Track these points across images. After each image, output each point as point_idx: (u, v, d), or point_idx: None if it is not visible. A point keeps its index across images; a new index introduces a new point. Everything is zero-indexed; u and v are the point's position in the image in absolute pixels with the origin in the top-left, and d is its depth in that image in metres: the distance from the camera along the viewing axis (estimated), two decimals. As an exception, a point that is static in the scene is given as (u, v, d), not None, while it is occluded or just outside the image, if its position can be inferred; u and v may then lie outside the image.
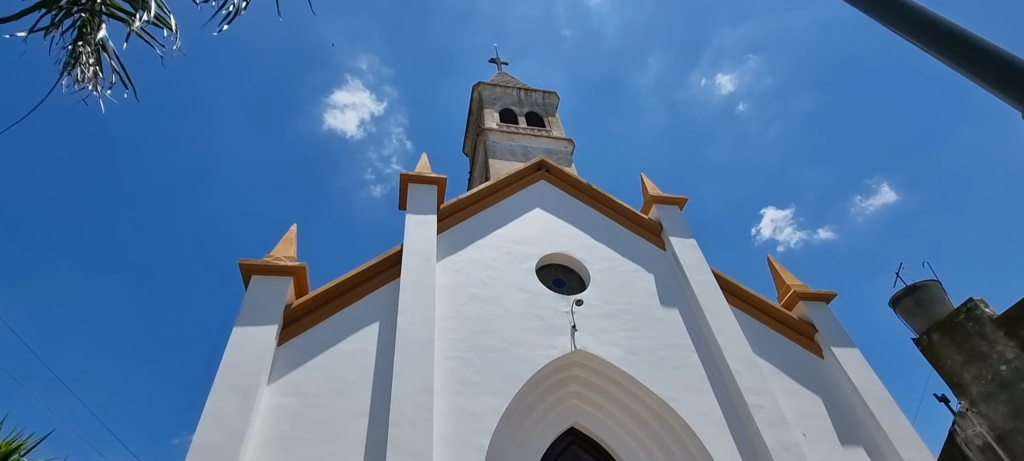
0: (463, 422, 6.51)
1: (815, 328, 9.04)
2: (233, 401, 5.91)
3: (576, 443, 7.60)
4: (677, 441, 7.27)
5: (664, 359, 7.93)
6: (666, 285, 9.27)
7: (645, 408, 7.55)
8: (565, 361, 7.67)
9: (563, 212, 10.28)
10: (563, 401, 7.72)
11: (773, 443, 6.99)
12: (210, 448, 5.48)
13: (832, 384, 8.39)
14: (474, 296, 8.13)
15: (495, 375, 7.11)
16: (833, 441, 7.58)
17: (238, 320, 6.77)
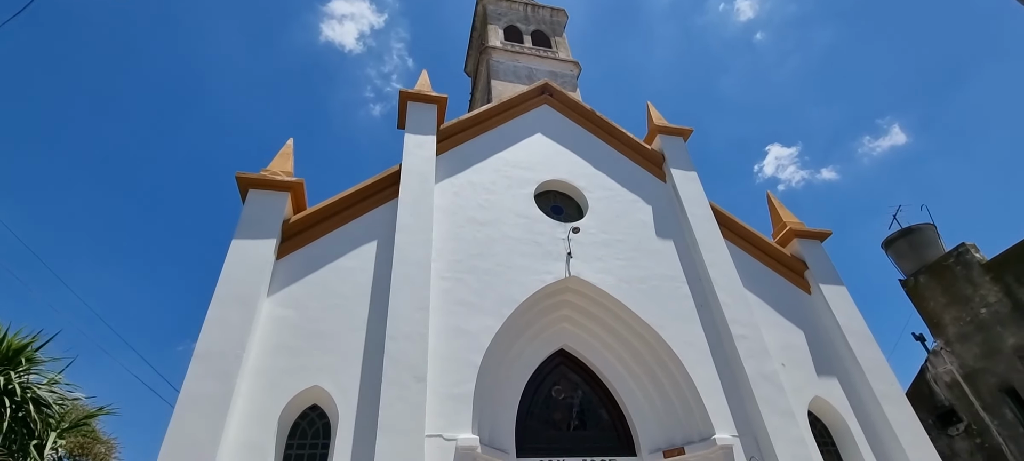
0: (457, 339, 6.73)
1: (806, 265, 9.15)
2: (234, 311, 6.05)
3: (565, 364, 7.92)
4: (661, 366, 7.57)
5: (655, 289, 8.08)
6: (663, 217, 9.26)
7: (633, 334, 7.79)
8: (559, 286, 7.81)
9: (565, 138, 10.05)
10: (554, 324, 7.95)
11: (753, 372, 7.30)
12: (213, 354, 5.68)
13: (816, 319, 8.62)
14: (472, 219, 8.12)
15: (490, 297, 7.25)
16: (810, 372, 7.92)
17: (236, 233, 6.79)
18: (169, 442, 5.06)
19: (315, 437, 5.99)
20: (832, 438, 7.62)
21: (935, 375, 12.03)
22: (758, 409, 6.96)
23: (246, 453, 5.42)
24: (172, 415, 5.21)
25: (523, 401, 7.22)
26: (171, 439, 5.08)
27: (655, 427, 7.34)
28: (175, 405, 5.27)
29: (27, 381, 5.19)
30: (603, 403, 7.70)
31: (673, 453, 6.98)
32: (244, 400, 5.69)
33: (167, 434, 5.10)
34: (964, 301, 11.56)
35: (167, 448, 5.03)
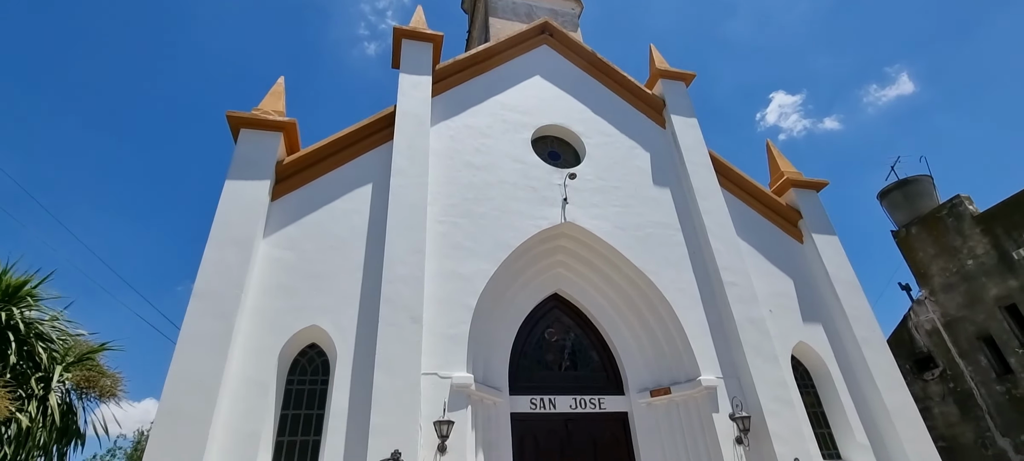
0: (452, 283, 6.83)
1: (800, 215, 9.20)
2: (230, 252, 6.09)
3: (558, 307, 8.09)
4: (652, 311, 7.76)
5: (650, 236, 8.14)
6: (661, 164, 9.19)
7: (626, 280, 7.92)
8: (554, 232, 7.85)
9: (564, 81, 9.80)
10: (549, 269, 8.06)
11: (740, 317, 7.49)
12: (211, 294, 5.76)
13: (806, 268, 8.77)
14: (468, 163, 8.04)
15: (485, 241, 7.30)
16: (795, 318, 8.14)
17: (230, 173, 6.72)
18: (173, 377, 5.21)
19: (314, 373, 6.18)
20: (812, 381, 7.93)
21: (917, 323, 12.41)
22: (743, 353, 7.20)
23: (248, 388, 5.61)
24: (174, 351, 5.34)
25: (516, 342, 7.43)
26: (175, 374, 5.23)
27: (643, 368, 7.61)
28: (177, 342, 5.38)
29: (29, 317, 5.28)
30: (594, 345, 7.93)
31: (659, 393, 7.28)
32: (244, 338, 5.83)
33: (171, 369, 5.25)
34: (952, 252, 11.75)
35: (171, 382, 5.19)
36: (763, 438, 6.66)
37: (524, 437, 6.86)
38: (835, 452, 7.38)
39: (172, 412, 5.05)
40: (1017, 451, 10.28)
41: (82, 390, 5.46)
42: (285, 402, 5.93)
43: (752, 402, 6.91)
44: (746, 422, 6.61)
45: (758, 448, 6.65)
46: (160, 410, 5.05)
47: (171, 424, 4.99)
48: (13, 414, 4.58)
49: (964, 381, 11.36)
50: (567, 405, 7.22)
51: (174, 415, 5.03)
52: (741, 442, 6.61)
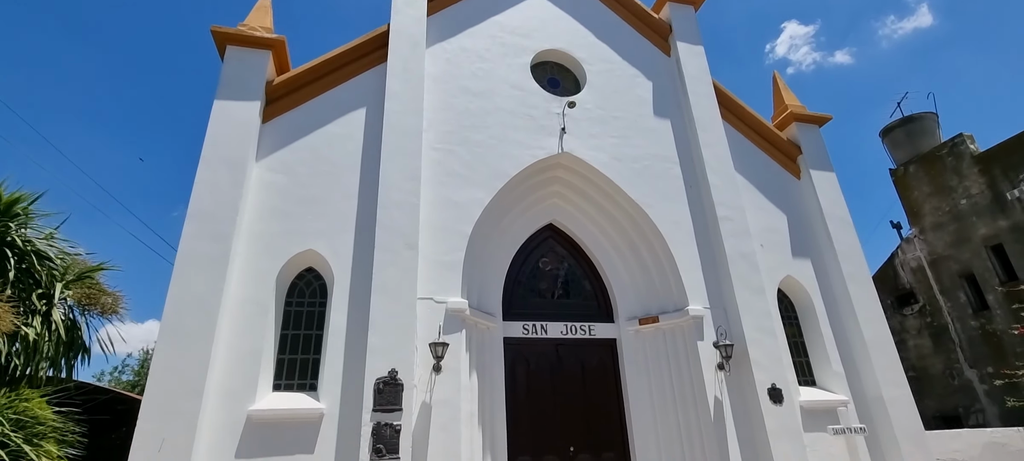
0: (448, 210, 6.84)
1: (800, 150, 9.13)
2: (223, 173, 6.02)
3: (553, 238, 8.19)
4: (645, 243, 7.87)
5: (647, 168, 8.09)
6: (663, 94, 8.96)
7: (621, 212, 7.96)
8: (551, 162, 7.78)
9: (566, 1, 9.31)
10: (545, 199, 8.06)
11: (732, 251, 7.63)
12: (206, 215, 5.76)
13: (800, 203, 8.81)
14: (464, 89, 7.81)
15: (481, 169, 7.24)
16: (785, 253, 8.30)
17: (218, 93, 6.51)
18: (173, 296, 5.33)
19: (313, 296, 6.32)
20: (796, 312, 8.22)
21: (903, 261, 12.70)
22: (732, 285, 7.40)
23: (248, 309, 5.76)
24: (173, 271, 5.42)
25: (511, 270, 7.58)
26: (175, 293, 5.34)
27: (633, 297, 7.83)
28: (174, 262, 5.46)
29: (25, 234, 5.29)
30: (587, 275, 8.11)
31: (648, 321, 7.54)
32: (241, 260, 5.91)
33: (170, 288, 5.36)
34: (947, 191, 11.82)
35: (172, 301, 5.31)
36: (744, 365, 6.99)
37: (516, 360, 7.17)
38: (811, 379, 7.78)
39: (174, 329, 5.20)
40: (982, 381, 10.90)
41: (84, 307, 5.58)
42: (285, 323, 6.11)
43: (736, 331, 7.18)
44: (729, 350, 6.91)
45: (738, 374, 6.99)
46: (162, 327, 5.20)
47: (174, 341, 5.16)
48: (19, 328, 4.71)
49: (941, 316, 11.81)
50: (558, 331, 7.48)
51: (176, 332, 5.19)
52: (722, 368, 6.94)
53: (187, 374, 5.07)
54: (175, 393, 4.98)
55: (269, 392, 5.68)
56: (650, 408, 7.17)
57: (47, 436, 4.50)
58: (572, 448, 6.91)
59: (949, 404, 11.36)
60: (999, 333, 10.57)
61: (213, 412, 5.23)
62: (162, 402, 4.93)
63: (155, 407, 4.91)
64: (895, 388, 7.42)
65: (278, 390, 5.77)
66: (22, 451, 4.15)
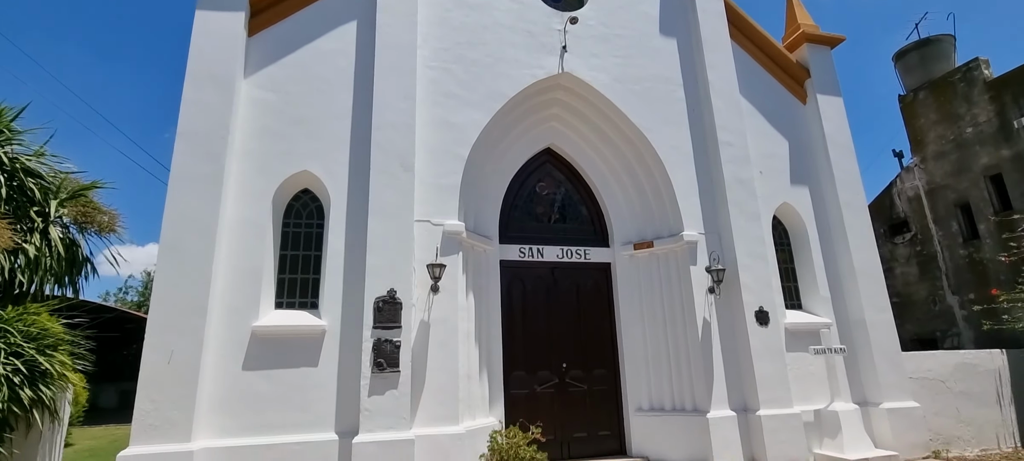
0: (445, 132, 6.74)
1: (808, 73, 8.88)
2: (211, 90, 5.85)
3: (550, 162, 8.13)
4: (644, 168, 7.84)
5: (650, 91, 7.89)
6: (670, 10, 8.55)
7: (620, 136, 7.86)
8: (550, 83, 7.56)
9: (570, -96, 8.60)
10: (543, 122, 7.92)
11: (730, 177, 7.63)
12: (196, 134, 5.66)
13: (803, 129, 8.71)
14: (460, 2, 7.42)
15: (478, 89, 7.05)
16: (784, 180, 8.31)
17: (199, 2, 6.16)
18: (169, 215, 5.35)
19: (310, 217, 6.37)
20: (788, 238, 8.38)
21: (900, 190, 12.77)
22: (728, 211, 7.49)
23: (245, 229, 5.81)
24: (168, 191, 5.41)
25: (508, 194, 7.60)
26: (171, 213, 5.36)
27: (629, 222, 7.93)
28: (168, 182, 5.44)
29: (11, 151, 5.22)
30: (584, 200, 8.15)
31: (642, 246, 7.69)
32: (236, 181, 5.88)
33: (166, 208, 5.37)
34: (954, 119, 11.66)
35: (169, 221, 5.34)
36: (734, 288, 7.23)
37: (512, 282, 7.37)
38: (798, 303, 8.08)
39: (174, 248, 5.28)
40: (962, 307, 11.34)
41: (81, 225, 5.62)
42: (283, 243, 6.19)
43: (729, 256, 7.36)
44: (720, 274, 7.11)
45: (728, 297, 7.25)
46: (162, 246, 5.27)
47: (174, 259, 5.25)
48: (19, 244, 4.77)
49: (931, 245, 12.07)
50: (554, 255, 7.64)
51: (176, 251, 5.27)
52: (713, 291, 7.18)
53: (190, 291, 5.20)
54: (180, 309, 5.14)
55: (271, 310, 5.84)
56: (640, 329, 7.47)
57: (58, 347, 4.69)
58: (564, 364, 7.28)
59: (927, 328, 11.90)
60: (986, 262, 10.87)
61: (218, 327, 5.43)
62: (168, 317, 5.10)
63: (161, 322, 5.08)
64: (878, 312, 7.74)
65: (280, 308, 5.95)
66: (36, 361, 4.34)
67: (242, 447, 5.18)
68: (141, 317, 15.87)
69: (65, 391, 4.94)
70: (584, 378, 7.34)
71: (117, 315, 15.84)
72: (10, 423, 4.37)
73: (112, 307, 18.46)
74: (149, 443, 4.79)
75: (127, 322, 16.41)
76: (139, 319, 16.19)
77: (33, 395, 4.28)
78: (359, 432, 5.36)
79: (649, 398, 7.25)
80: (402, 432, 5.44)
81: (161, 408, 4.89)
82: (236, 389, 5.37)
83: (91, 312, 5.56)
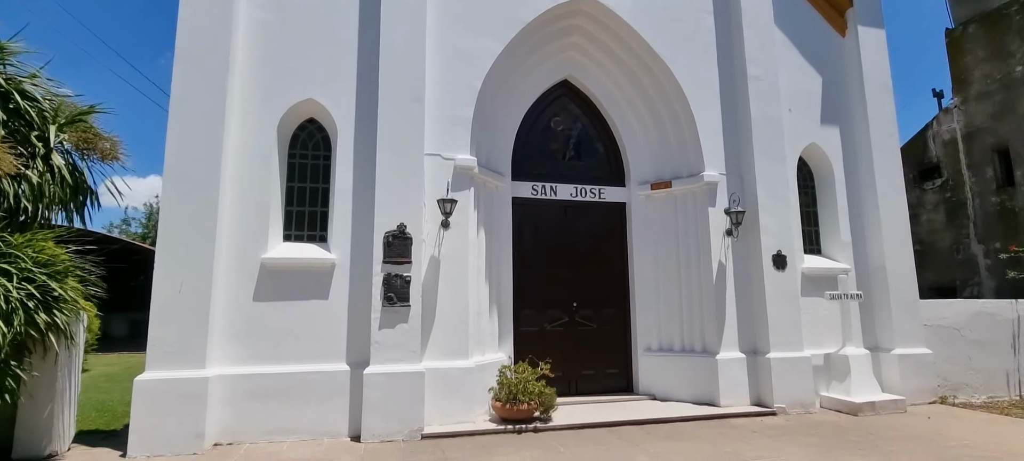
0: (456, 61, 6.46)
1: (850, 2, 8.29)
2: (208, 10, 5.58)
3: (567, 95, 7.84)
4: (665, 103, 7.54)
5: (677, 20, 7.45)
6: (703, -72, 7.88)
7: (643, 68, 7.51)
8: (570, 8, 7.14)
9: None
10: (561, 52, 7.57)
11: (757, 115, 7.32)
12: (195, 55, 5.46)
13: (839, 64, 8.23)
14: (473, -86, 6.87)
15: (492, 15, 6.68)
16: (814, 118, 7.96)
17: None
18: (173, 144, 5.28)
19: (316, 149, 6.26)
20: (813, 180, 8.15)
21: (936, 133, 12.29)
22: (752, 151, 7.24)
23: (250, 159, 5.73)
24: (169, 116, 5.31)
25: (521, 129, 7.39)
26: (174, 140, 5.29)
27: (647, 161, 7.74)
28: (169, 107, 5.32)
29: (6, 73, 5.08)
30: (600, 136, 7.94)
31: (660, 186, 7.55)
32: (239, 107, 5.73)
33: (169, 135, 5.29)
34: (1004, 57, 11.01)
35: (172, 148, 5.27)
36: (752, 231, 7.12)
37: (523, 220, 7.32)
38: (817, 248, 7.98)
39: (179, 177, 5.25)
40: (986, 256, 11.19)
41: (82, 151, 5.56)
42: (290, 175, 6.12)
43: (750, 198, 7.19)
44: (740, 217, 6.98)
45: (745, 240, 7.16)
46: (166, 174, 5.24)
47: (180, 188, 5.23)
48: (21, 171, 4.73)
49: (962, 191, 11.75)
50: (568, 193, 7.54)
51: (181, 179, 5.24)
52: (731, 234, 7.08)
53: (197, 221, 5.21)
54: (188, 239, 5.17)
55: (280, 242, 5.86)
56: (653, 270, 7.48)
57: (69, 275, 4.76)
58: (575, 303, 7.36)
59: (947, 277, 11.81)
60: (1018, 210, 10.58)
61: (227, 258, 5.47)
62: (176, 247, 5.14)
63: (170, 252, 5.13)
64: (899, 260, 7.63)
65: (289, 241, 5.96)
66: (48, 286, 4.42)
67: (256, 375, 5.36)
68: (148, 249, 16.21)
69: (79, 317, 5.06)
70: (594, 317, 7.43)
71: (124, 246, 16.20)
72: (28, 346, 4.51)
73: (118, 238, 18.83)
74: (164, 369, 4.96)
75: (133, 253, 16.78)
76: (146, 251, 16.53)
77: (49, 319, 4.39)
78: (370, 363, 5.51)
79: (659, 338, 7.36)
80: (412, 364, 5.57)
81: (174, 336, 5.02)
82: (248, 319, 5.49)
83: (97, 243, 5.59)
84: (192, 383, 4.96)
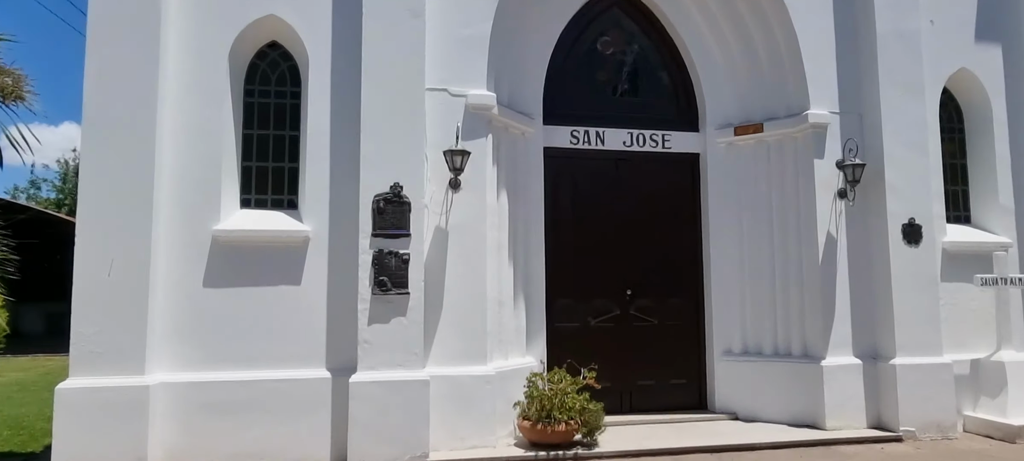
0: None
1: None
2: None
3: (618, 5, 7.72)
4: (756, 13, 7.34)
5: None
6: None
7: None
8: None
9: None
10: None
11: (885, 29, 7.08)
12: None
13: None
14: None
15: None
16: (965, 34, 7.67)
17: None
18: (92, 78, 5.30)
19: (281, 83, 6.26)
20: (961, 122, 7.93)
21: None
22: (877, 81, 7.05)
23: (196, 96, 5.73)
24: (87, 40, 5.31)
25: (556, 54, 7.31)
26: (94, 74, 5.30)
27: (730, 96, 7.65)
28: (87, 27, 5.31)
29: None
30: (665, 63, 7.85)
31: (747, 129, 7.44)
32: (178, 29, 5.70)
33: (87, 67, 5.31)
34: None
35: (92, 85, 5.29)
36: (875, 192, 6.99)
37: (559, 178, 7.32)
38: (965, 215, 7.82)
39: (101, 123, 5.28)
40: None
41: (-22, 87, 5.59)
42: (247, 118, 6.13)
43: (872, 146, 7.03)
44: (858, 172, 6.81)
45: (864, 203, 7.03)
46: (86, 121, 5.28)
47: (104, 134, 5.27)
48: None
49: None
50: (620, 141, 7.48)
51: (106, 123, 5.28)
52: (844, 195, 6.97)
53: (128, 182, 5.25)
54: (117, 206, 5.23)
55: (236, 209, 5.91)
56: (737, 245, 7.45)
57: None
58: (629, 291, 7.37)
59: None
60: None
61: (169, 230, 5.52)
62: (102, 216, 5.21)
63: (94, 223, 5.20)
64: (1085, 230, 7.41)
65: (248, 207, 6.01)
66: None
67: (210, 383, 5.44)
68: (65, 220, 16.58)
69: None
70: (655, 310, 7.44)
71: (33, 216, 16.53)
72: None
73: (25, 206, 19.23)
74: (93, 375, 5.05)
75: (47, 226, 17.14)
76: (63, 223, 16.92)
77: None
78: (357, 369, 5.52)
79: (742, 338, 7.36)
80: (412, 371, 5.59)
81: (105, 331, 5.11)
82: (198, 311, 5.56)
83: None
84: (129, 393, 5.04)
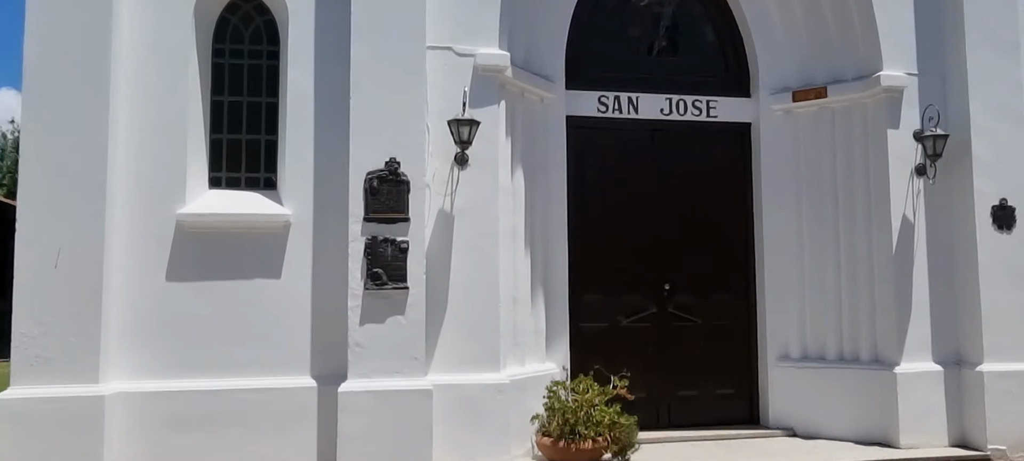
0: None
1: None
2: None
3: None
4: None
5: None
6: None
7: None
8: None
9: None
10: None
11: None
12: None
13: None
14: None
15: None
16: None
17: None
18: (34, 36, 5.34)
19: (256, 41, 6.33)
20: (1065, 85, 7.75)
21: None
22: (962, 36, 6.96)
23: (155, 56, 5.78)
24: None
25: (581, 6, 7.29)
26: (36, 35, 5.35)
27: (787, 56, 7.60)
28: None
29: None
30: (710, 16, 7.81)
31: (807, 94, 7.38)
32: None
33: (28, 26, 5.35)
34: None
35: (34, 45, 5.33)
36: (960, 167, 6.91)
37: (585, 152, 7.32)
38: (1069, 194, 7.65)
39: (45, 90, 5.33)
40: None
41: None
42: (216, 83, 6.18)
43: (957, 114, 6.93)
44: (938, 144, 6.68)
45: (947, 181, 6.93)
46: (26, 88, 5.33)
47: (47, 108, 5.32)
48: None
49: None
50: (657, 108, 7.42)
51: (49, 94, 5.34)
52: (923, 172, 6.86)
53: (77, 159, 5.29)
54: (64, 187, 5.24)
55: (205, 190, 5.98)
56: (796, 232, 7.40)
57: None
58: (667, 286, 7.34)
59: None
60: None
61: (125, 214, 5.55)
62: (47, 198, 5.24)
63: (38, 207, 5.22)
64: None
65: (218, 186, 6.06)
66: None
67: (175, 392, 5.47)
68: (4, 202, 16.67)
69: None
70: (697, 307, 7.45)
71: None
72: None
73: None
74: (39, 383, 5.05)
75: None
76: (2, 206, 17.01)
77: None
78: (348, 376, 5.49)
79: (801, 341, 7.33)
80: (412, 378, 5.56)
81: (52, 333, 5.12)
82: (160, 309, 5.60)
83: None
84: (81, 403, 5.06)
